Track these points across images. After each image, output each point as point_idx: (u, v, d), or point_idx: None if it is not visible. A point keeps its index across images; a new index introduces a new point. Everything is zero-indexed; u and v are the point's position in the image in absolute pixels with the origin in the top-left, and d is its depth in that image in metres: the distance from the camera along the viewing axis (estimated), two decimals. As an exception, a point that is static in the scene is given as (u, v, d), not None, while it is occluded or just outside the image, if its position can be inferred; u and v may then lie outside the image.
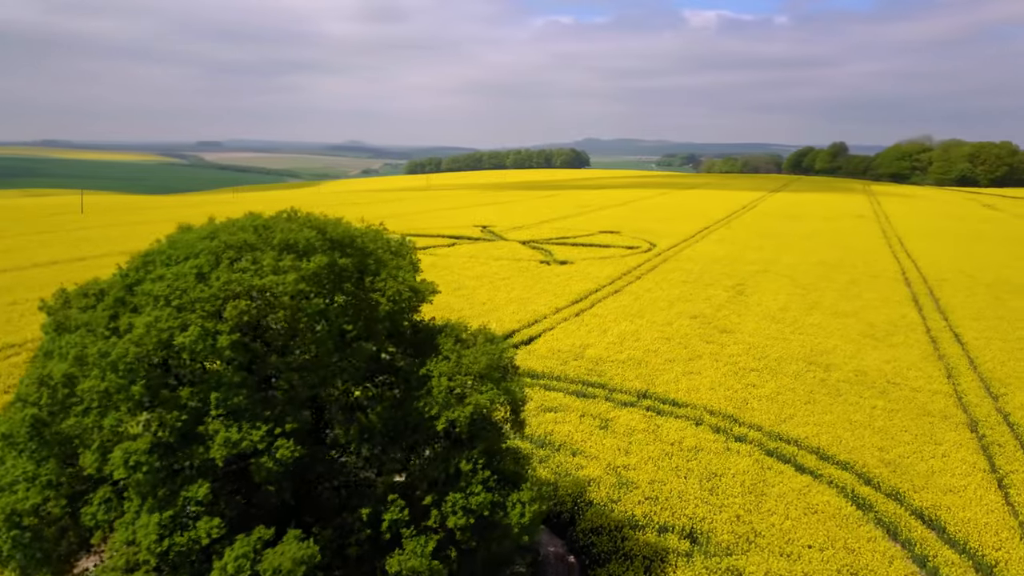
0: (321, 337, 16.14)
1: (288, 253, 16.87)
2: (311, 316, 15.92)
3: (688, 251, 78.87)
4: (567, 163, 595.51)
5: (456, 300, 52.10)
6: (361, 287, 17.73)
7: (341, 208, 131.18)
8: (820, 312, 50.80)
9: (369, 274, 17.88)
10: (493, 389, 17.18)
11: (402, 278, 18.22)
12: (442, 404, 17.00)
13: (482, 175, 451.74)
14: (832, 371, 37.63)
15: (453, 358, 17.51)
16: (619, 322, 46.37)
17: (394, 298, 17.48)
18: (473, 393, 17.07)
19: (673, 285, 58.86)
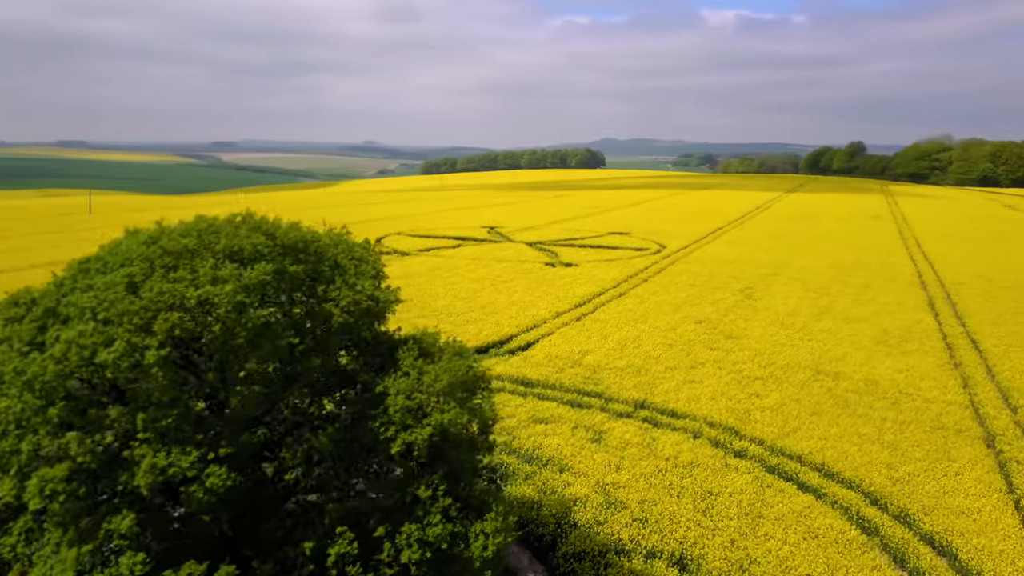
0: (264, 352, 14.77)
1: (231, 260, 15.50)
2: (252, 329, 14.53)
3: (698, 253, 77.10)
4: (582, 163, 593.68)
5: (456, 303, 50.71)
6: (314, 296, 16.35)
7: (351, 208, 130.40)
8: (831, 317, 48.98)
9: (323, 282, 16.48)
10: (456, 408, 15.72)
11: (360, 286, 16.80)
12: (399, 425, 15.59)
13: (496, 175, 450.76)
14: (841, 380, 35.89)
15: (413, 374, 16.06)
16: (621, 327, 44.81)
17: (349, 308, 16.06)
18: (434, 413, 15.65)
19: (680, 288, 57.18)
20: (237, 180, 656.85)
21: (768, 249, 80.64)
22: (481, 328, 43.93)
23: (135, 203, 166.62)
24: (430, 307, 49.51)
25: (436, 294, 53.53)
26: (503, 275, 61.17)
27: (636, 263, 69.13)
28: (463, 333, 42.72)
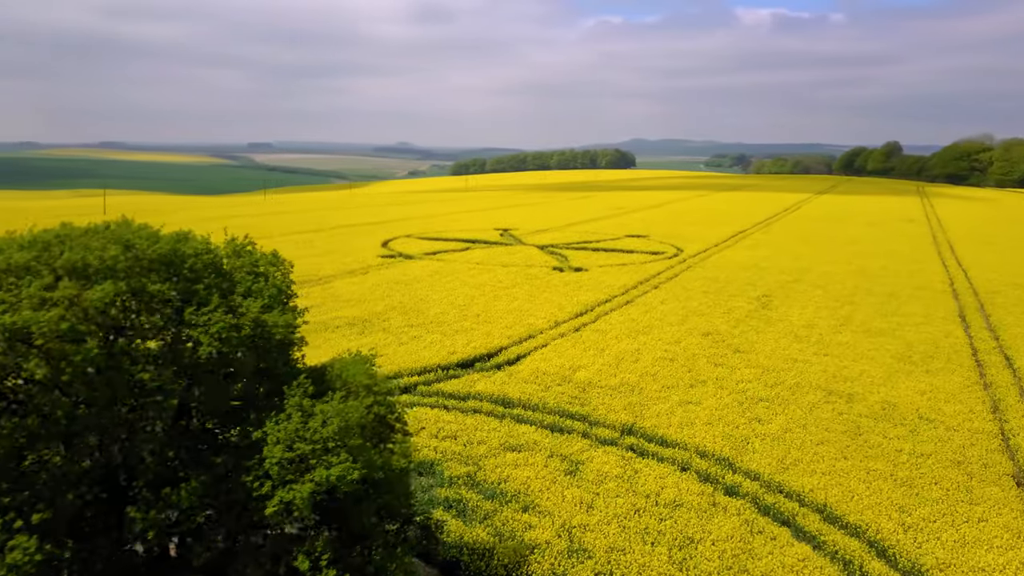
0: (99, 392, 12.10)
1: (74, 278, 12.85)
2: (81, 364, 11.88)
3: (716, 257, 73.57)
4: (612, 164, 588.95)
5: (450, 311, 47.97)
6: (182, 322, 13.65)
7: (368, 210, 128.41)
8: (851, 329, 45.40)
9: (193, 304, 13.77)
10: (347, 461, 12.92)
11: (246, 308, 14.06)
12: (277, 479, 12.86)
13: (522, 176, 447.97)
14: (855, 403, 32.49)
15: (297, 417, 13.28)
16: (621, 339, 41.73)
17: (221, 335, 13.32)
18: (319, 466, 12.88)
19: (691, 296, 53.88)
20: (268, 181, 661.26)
21: (791, 254, 76.82)
22: (470, 339, 41.14)
23: (154, 204, 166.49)
24: (422, 315, 46.81)
25: (431, 301, 50.85)
26: (506, 280, 58.31)
27: (649, 268, 65.87)
28: (450, 345, 39.98)
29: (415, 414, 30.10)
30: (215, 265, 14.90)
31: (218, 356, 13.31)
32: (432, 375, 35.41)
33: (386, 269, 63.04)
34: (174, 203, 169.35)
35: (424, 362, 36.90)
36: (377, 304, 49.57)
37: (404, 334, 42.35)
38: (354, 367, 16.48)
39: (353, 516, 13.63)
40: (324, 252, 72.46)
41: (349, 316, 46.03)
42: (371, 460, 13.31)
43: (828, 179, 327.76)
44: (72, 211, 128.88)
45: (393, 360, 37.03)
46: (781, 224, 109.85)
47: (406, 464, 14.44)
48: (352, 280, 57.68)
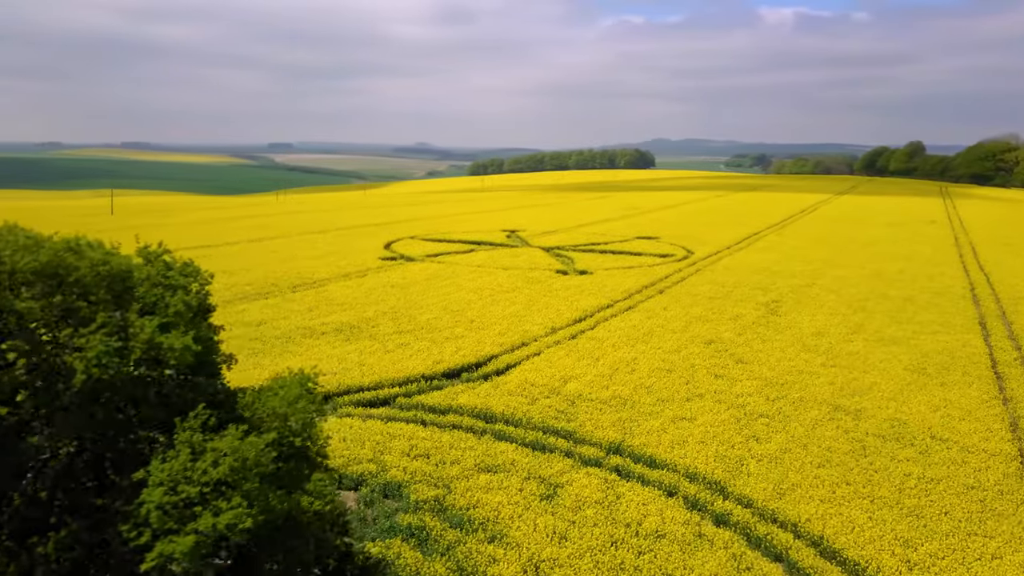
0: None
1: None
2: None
3: (727, 260, 71.26)
4: (631, 164, 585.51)
5: (444, 316, 46.18)
6: (57, 344, 11.91)
7: (377, 210, 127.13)
8: (863, 338, 43.09)
9: (71, 325, 12.02)
10: (240, 507, 11.13)
11: (139, 327, 12.30)
12: (158, 527, 11.07)
13: (539, 176, 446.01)
14: (862, 420, 30.30)
15: (185, 455, 11.50)
16: (618, 348, 39.73)
17: (99, 361, 11.57)
18: (206, 512, 11.09)
19: (697, 301, 51.73)
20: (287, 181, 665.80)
21: (804, 257, 74.32)
22: (459, 347, 39.31)
23: (166, 203, 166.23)
24: (413, 321, 45.04)
25: (425, 306, 49.08)
26: (506, 284, 56.44)
27: (656, 271, 63.75)
28: (438, 353, 38.18)
29: (392, 429, 28.35)
30: (115, 277, 13.15)
31: (100, 384, 11.58)
32: (415, 386, 33.58)
33: (384, 272, 61.38)
34: (186, 203, 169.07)
35: (408, 372, 35.10)
36: (369, 309, 47.88)
37: (391, 341, 40.60)
38: (287, 389, 14.71)
39: (259, 568, 11.86)
40: (325, 254, 70.96)
41: (337, 321, 44.35)
42: (270, 505, 11.51)
43: (849, 179, 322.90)
44: (78, 211, 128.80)
45: (375, 370, 35.27)
46: (797, 226, 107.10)
47: (322, 506, 12.60)
48: (348, 283, 56.04)
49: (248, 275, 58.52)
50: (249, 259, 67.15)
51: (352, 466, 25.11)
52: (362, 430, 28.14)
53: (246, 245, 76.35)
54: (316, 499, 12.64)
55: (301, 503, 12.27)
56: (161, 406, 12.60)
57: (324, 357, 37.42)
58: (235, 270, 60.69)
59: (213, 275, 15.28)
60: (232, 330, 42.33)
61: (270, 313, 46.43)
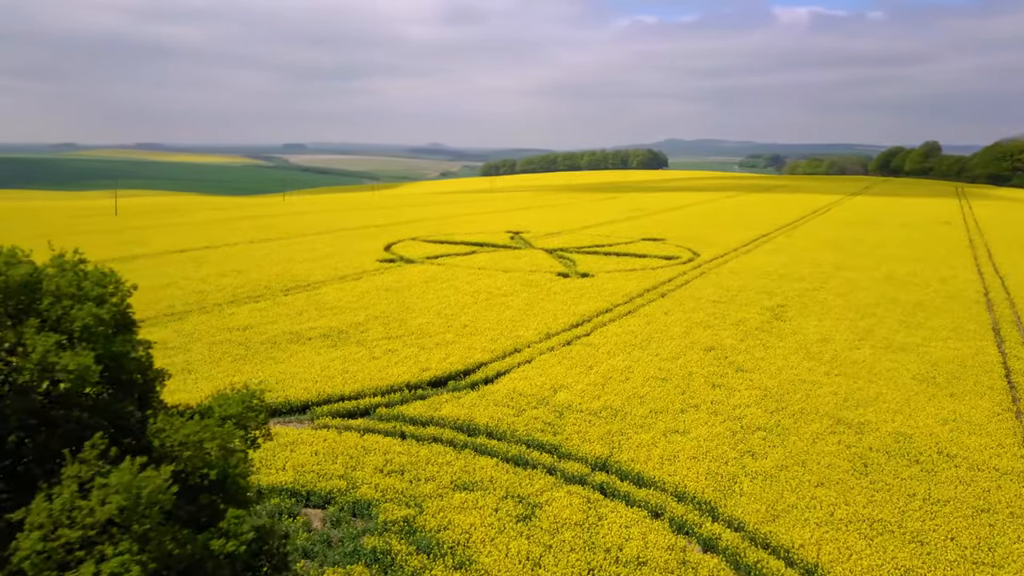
0: None
1: None
2: None
3: (734, 263, 69.56)
4: (644, 164, 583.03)
5: (436, 321, 44.84)
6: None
7: (383, 211, 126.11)
8: (871, 345, 41.40)
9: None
10: (130, 552, 9.77)
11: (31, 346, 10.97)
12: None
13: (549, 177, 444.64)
14: (866, 433, 28.68)
15: (68, 492, 10.14)
16: (614, 355, 38.26)
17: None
18: (89, 560, 9.73)
19: (700, 306, 50.16)
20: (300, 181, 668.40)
21: (814, 260, 72.49)
22: (448, 354, 37.92)
23: (171, 204, 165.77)
24: (404, 326, 43.71)
25: (419, 310, 47.76)
26: (504, 287, 55.03)
27: (660, 274, 62.17)
28: (425, 360, 36.83)
29: (368, 442, 27.01)
30: (12, 290, 11.83)
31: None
32: (398, 395, 32.24)
33: (381, 275, 60.11)
34: (193, 203, 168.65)
35: (392, 380, 33.75)
36: (360, 313, 46.60)
37: (379, 347, 39.27)
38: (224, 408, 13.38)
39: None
40: (323, 256, 69.81)
41: (326, 327, 43.08)
42: (167, 549, 10.12)
43: (863, 180, 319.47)
44: (81, 212, 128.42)
45: (358, 378, 33.94)
46: (808, 227, 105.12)
47: (236, 547, 11.22)
48: (342, 286, 54.80)
49: (242, 277, 57.42)
50: (246, 261, 66.08)
51: (321, 482, 23.78)
52: (336, 443, 26.81)
53: (246, 247, 75.32)
54: (229, 539, 11.29)
55: (210, 545, 10.92)
56: (57, 435, 11.27)
57: (307, 364, 36.14)
58: (229, 272, 59.63)
59: (136, 286, 13.90)
60: (218, 335, 41.22)
61: (259, 317, 45.24)
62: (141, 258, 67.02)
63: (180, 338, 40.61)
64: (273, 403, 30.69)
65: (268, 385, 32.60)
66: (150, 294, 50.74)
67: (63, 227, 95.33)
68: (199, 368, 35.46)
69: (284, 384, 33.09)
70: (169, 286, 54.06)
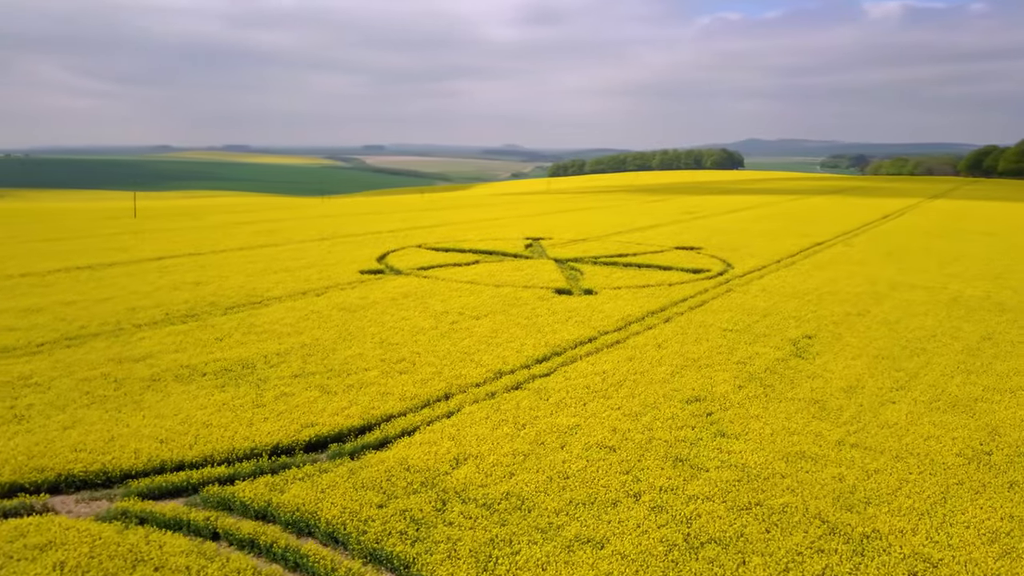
0: None
1: None
2: None
3: (770, 278, 59.69)
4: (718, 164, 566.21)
5: (373, 351, 37.09)
6: None
7: (412, 214, 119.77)
8: (910, 398, 31.66)
9: None
10: None
11: None
12: None
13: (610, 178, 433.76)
14: (868, 557, 19.44)
15: None
16: (563, 408, 29.74)
17: None
18: None
19: (706, 335, 41.06)
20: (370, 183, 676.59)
21: (868, 275, 61.91)
22: (353, 401, 30.04)
23: (194, 207, 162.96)
24: (328, 359, 36.07)
25: (359, 337, 40.12)
26: (481, 307, 46.93)
27: (676, 292, 53.01)
28: (320, 410, 29.05)
29: (147, 546, 19.39)
30: None
31: None
32: (250, 465, 24.49)
33: (349, 290, 52.74)
34: (227, 204, 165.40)
35: (256, 440, 26.09)
36: (288, 340, 39.22)
37: (276, 389, 31.68)
38: None
39: None
40: (303, 266, 62.95)
41: (234, 358, 35.78)
42: None
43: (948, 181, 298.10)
44: (101, 213, 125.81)
45: (214, 436, 26.32)
46: (872, 234, 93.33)
47: None
48: (294, 305, 47.63)
49: (192, 292, 50.88)
50: (214, 271, 59.72)
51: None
52: (105, 546, 19.20)
53: (232, 254, 69.17)
54: None
55: None
56: None
57: (170, 413, 28.77)
58: (186, 284, 53.21)
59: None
60: (98, 368, 34.31)
61: (167, 343, 38.30)
62: (115, 266, 61.34)
63: (53, 371, 33.86)
64: (76, 473, 23.46)
65: (87, 445, 25.37)
66: (75, 311, 44.64)
67: (73, 230, 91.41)
68: (35, 416, 28.47)
69: (115, 444, 25.76)
70: (106, 301, 47.83)
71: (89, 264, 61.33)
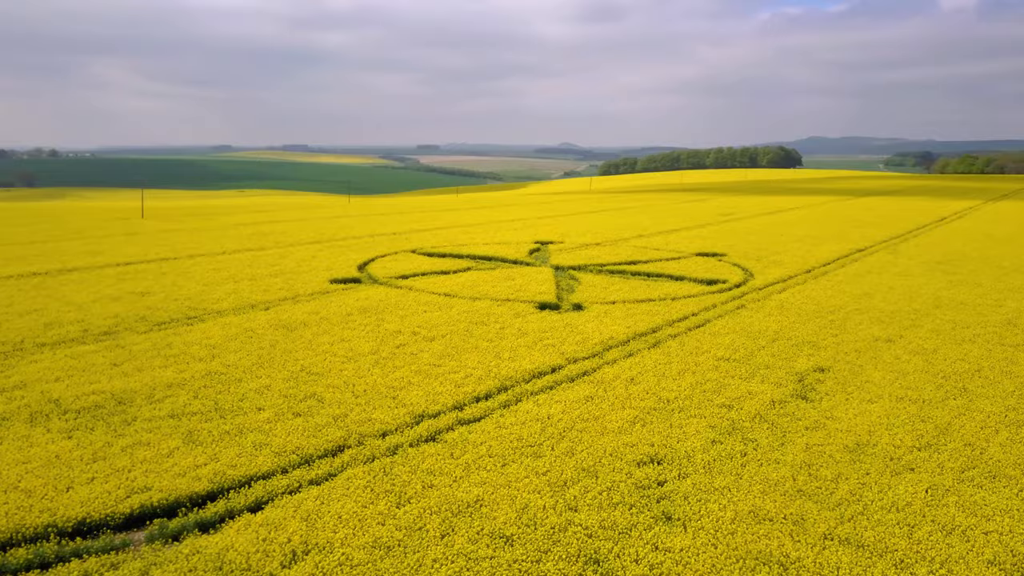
0: None
1: None
2: None
3: (793, 291, 51.98)
4: (773, 163, 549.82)
5: (273, 386, 31.06)
6: None
7: (414, 215, 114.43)
8: (934, 464, 24.17)
9: None
10: None
11: None
12: None
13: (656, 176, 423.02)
14: None
15: None
16: (477, 469, 23.16)
17: None
18: None
19: (696, 366, 33.98)
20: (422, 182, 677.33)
21: (909, 289, 53.70)
22: (212, 457, 23.96)
23: (204, 207, 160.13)
24: (230, 390, 30.11)
25: (284, 362, 34.13)
26: (444, 326, 40.57)
27: (676, 308, 45.85)
28: (165, 469, 23.05)
29: None
30: None
31: None
32: (25, 552, 18.65)
33: (304, 304, 46.90)
34: (253, 204, 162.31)
35: (59, 513, 20.12)
36: (191, 367, 33.42)
37: (137, 435, 25.78)
38: None
39: None
40: (273, 274, 57.43)
41: (114, 390, 30.07)
42: None
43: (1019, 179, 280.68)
44: (110, 214, 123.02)
45: (6, 508, 20.56)
46: (923, 240, 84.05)
47: None
48: (231, 321, 41.96)
49: (134, 303, 45.65)
50: (175, 278, 54.61)
51: None
52: None
53: (206, 259, 64.12)
54: None
55: None
56: None
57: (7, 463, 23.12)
58: (130, 295, 48.07)
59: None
60: (-50, 402, 28.97)
61: (52, 370, 32.81)
62: (71, 272, 56.68)
63: None
64: None
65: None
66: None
67: (64, 231, 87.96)
68: None
69: None
70: (29, 314, 42.85)
71: (46, 270, 56.79)
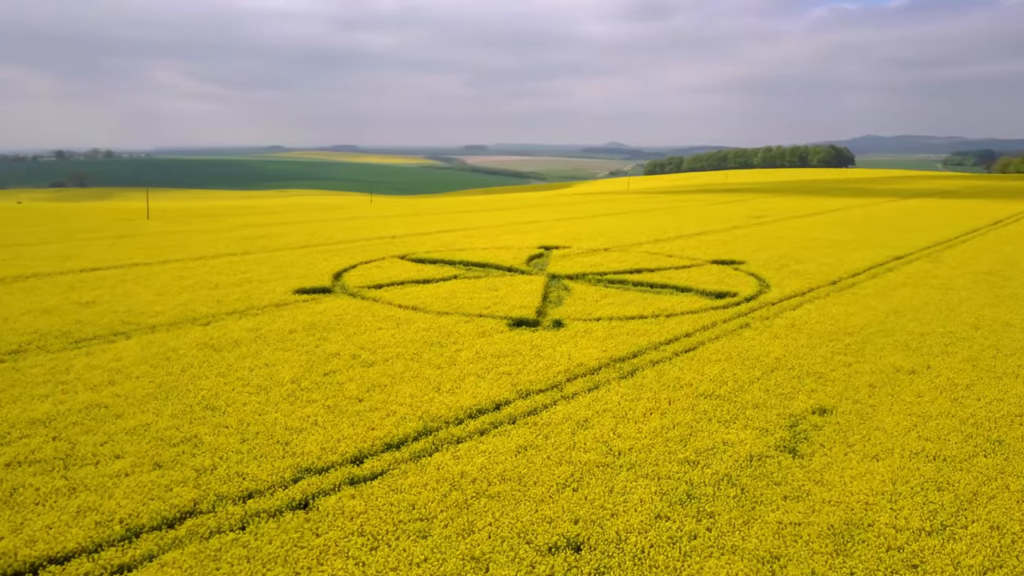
0: None
1: None
2: None
3: (809, 307, 45.48)
4: (824, 162, 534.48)
5: (155, 423, 26.08)
6: None
7: (424, 217, 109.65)
8: (948, 559, 18.11)
9: None
10: None
11: None
12: None
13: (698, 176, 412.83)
14: None
15: None
16: (325, 559, 17.60)
17: None
18: None
19: (670, 403, 28.08)
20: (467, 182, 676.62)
21: (945, 304, 46.75)
22: (20, 527, 19.02)
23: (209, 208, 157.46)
24: (97, 430, 25.15)
25: (184, 393, 29.20)
26: (392, 347, 35.31)
27: (668, 327, 39.91)
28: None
29: None
30: None
31: None
32: None
33: (250, 318, 42.06)
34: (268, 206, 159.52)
35: None
36: (76, 398, 28.64)
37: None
38: None
39: None
40: (237, 282, 52.83)
41: (-41, 430, 25.45)
42: None
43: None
44: (116, 214, 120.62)
45: None
46: (970, 246, 76.16)
47: None
48: (156, 339, 37.24)
49: (68, 315, 41.26)
50: (131, 287, 50.38)
51: None
52: None
53: (176, 264, 59.88)
54: None
55: None
56: None
57: None
58: (75, 305, 43.81)
59: None
60: None
61: (-86, 400, 28.43)
62: (19, 280, 52.74)
63: None
64: None
65: None
66: None
67: (63, 231, 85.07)
68: None
69: None
70: (-55, 329, 38.79)
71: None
